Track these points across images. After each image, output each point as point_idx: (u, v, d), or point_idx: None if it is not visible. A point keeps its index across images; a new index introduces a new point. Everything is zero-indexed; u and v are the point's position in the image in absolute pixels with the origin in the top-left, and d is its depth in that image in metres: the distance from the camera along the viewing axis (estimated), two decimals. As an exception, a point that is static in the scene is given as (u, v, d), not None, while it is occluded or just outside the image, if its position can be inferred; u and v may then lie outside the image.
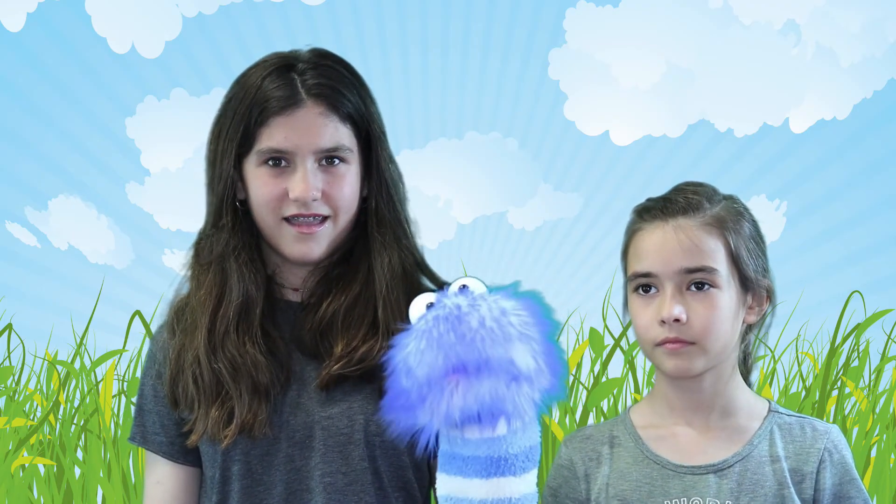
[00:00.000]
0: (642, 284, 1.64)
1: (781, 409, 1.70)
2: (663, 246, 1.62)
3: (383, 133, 1.76)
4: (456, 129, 3.64)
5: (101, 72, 3.64)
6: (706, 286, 1.61)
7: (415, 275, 1.77)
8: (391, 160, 1.77)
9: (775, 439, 1.66)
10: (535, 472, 1.44)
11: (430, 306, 1.41)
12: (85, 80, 3.65)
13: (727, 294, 1.63)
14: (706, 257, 1.62)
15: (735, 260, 1.64)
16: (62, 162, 3.67)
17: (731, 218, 1.65)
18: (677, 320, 1.60)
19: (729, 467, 1.64)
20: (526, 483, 1.43)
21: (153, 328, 2.21)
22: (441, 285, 1.77)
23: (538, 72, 3.62)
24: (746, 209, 1.71)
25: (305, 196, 1.66)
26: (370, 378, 1.68)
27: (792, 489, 1.62)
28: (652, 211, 1.66)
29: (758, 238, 1.69)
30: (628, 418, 1.72)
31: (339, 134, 1.69)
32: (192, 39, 3.62)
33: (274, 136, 1.66)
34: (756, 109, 3.62)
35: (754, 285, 1.66)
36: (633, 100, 3.62)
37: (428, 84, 3.62)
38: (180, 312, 1.76)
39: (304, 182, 1.66)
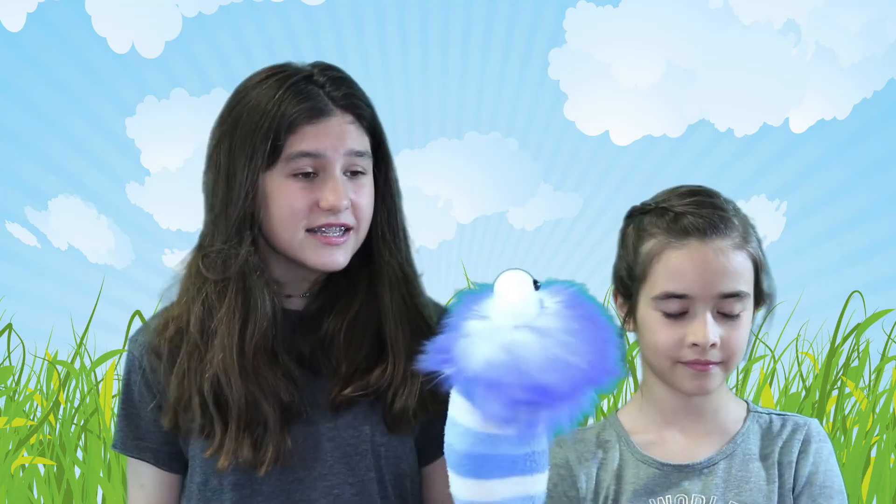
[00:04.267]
0: (673, 303, 1.61)
1: (760, 409, 1.72)
2: (705, 269, 1.58)
3: (387, 143, 1.76)
4: (456, 129, 3.64)
5: (101, 72, 3.65)
6: (737, 309, 1.61)
7: (415, 288, 1.76)
8: (396, 177, 1.77)
9: (758, 437, 1.67)
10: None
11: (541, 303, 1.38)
12: (85, 80, 3.65)
13: (749, 312, 1.63)
14: (741, 281, 1.59)
15: (758, 276, 1.63)
16: (62, 162, 3.67)
17: (750, 230, 1.64)
18: (713, 344, 1.59)
19: (714, 465, 1.65)
20: (539, 480, 1.44)
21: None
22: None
23: (538, 72, 3.62)
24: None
25: (338, 204, 1.65)
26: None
27: (776, 484, 1.63)
28: (685, 229, 1.60)
29: (755, 226, 1.69)
30: (617, 421, 1.73)
31: (364, 142, 1.69)
32: (192, 39, 3.62)
33: (305, 140, 1.65)
34: (756, 109, 3.62)
35: (765, 296, 1.66)
36: (633, 100, 3.63)
37: (428, 84, 3.62)
38: (177, 335, 1.71)
39: (337, 191, 1.65)
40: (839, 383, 3.66)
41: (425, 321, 1.71)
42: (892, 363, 3.67)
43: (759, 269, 1.63)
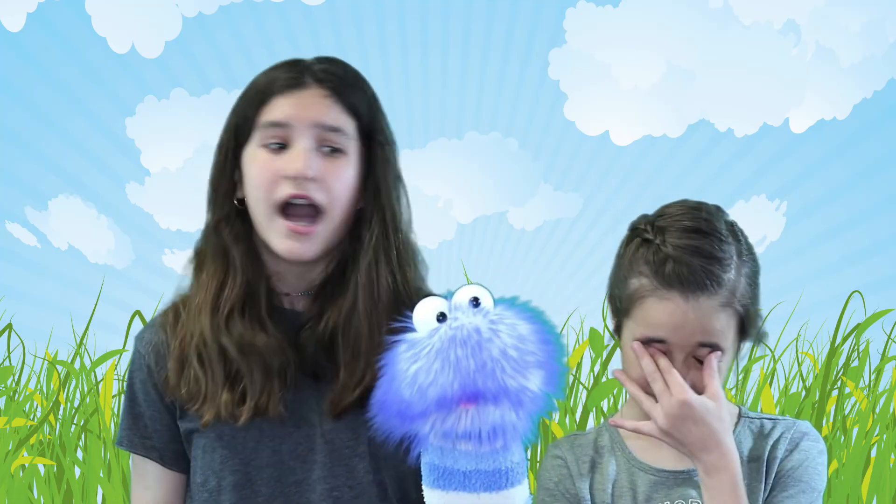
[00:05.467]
0: (651, 346, 1.61)
1: (752, 414, 1.73)
2: (683, 323, 1.58)
3: (389, 143, 1.73)
4: (456, 129, 3.64)
5: (101, 72, 3.64)
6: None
7: (403, 284, 1.73)
8: (394, 163, 1.74)
9: (749, 441, 1.67)
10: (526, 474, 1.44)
11: (440, 317, 1.37)
12: (85, 80, 3.65)
13: (730, 353, 1.63)
14: (720, 335, 1.60)
15: (743, 324, 1.62)
16: (62, 162, 3.67)
17: (743, 279, 1.62)
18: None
19: None
20: (526, 487, 1.43)
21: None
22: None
23: (538, 72, 3.62)
24: (742, 235, 1.67)
25: (303, 171, 1.62)
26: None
27: (762, 483, 1.64)
28: (670, 280, 1.59)
29: (755, 271, 1.66)
30: (613, 426, 1.73)
31: (341, 119, 1.67)
32: (192, 39, 3.62)
33: (274, 111, 1.65)
34: (756, 109, 3.62)
35: (752, 329, 1.66)
36: (633, 100, 3.63)
37: (428, 84, 3.62)
38: (177, 312, 1.73)
39: (302, 157, 1.63)
40: (839, 383, 3.66)
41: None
42: (892, 363, 3.67)
43: (747, 319, 1.62)
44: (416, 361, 1.34)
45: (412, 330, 1.38)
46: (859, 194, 3.62)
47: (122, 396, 1.80)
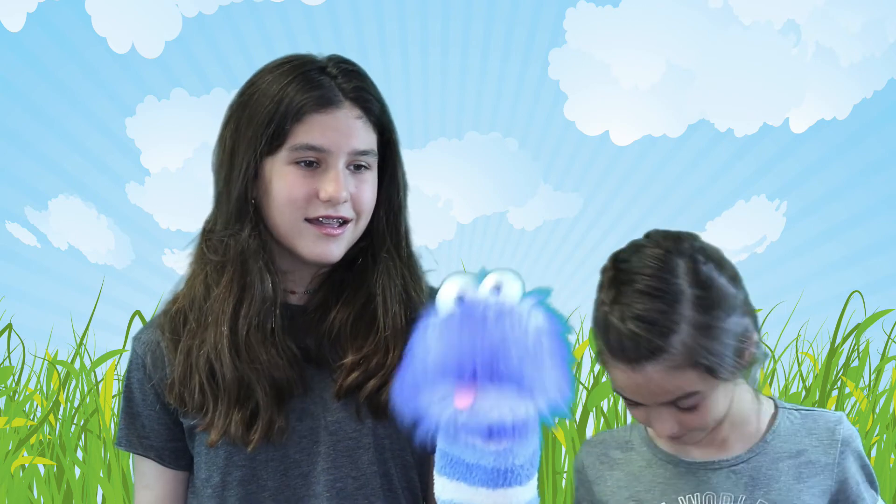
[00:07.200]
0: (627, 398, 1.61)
1: (788, 405, 1.70)
2: (638, 389, 1.56)
3: (398, 145, 1.77)
4: (456, 129, 3.64)
5: (101, 72, 3.65)
6: (691, 403, 1.58)
7: (412, 284, 1.76)
8: (404, 174, 1.77)
9: (788, 435, 1.66)
10: (536, 475, 1.44)
11: (460, 299, 1.39)
12: (85, 80, 3.65)
13: (715, 391, 1.58)
14: (685, 389, 1.55)
15: (717, 371, 1.57)
16: (62, 162, 3.67)
17: (702, 332, 1.54)
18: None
19: (743, 462, 1.64)
20: (530, 489, 1.43)
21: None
22: (431, 293, 1.75)
23: (538, 72, 3.62)
24: (709, 277, 1.56)
25: (337, 197, 1.65)
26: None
27: (808, 482, 1.62)
28: (614, 351, 1.54)
29: (729, 308, 1.56)
30: (642, 425, 1.73)
31: (370, 139, 1.70)
32: (192, 39, 3.62)
33: (311, 132, 1.66)
34: (756, 109, 3.63)
35: (743, 361, 1.61)
36: (633, 100, 3.63)
37: (428, 84, 3.62)
38: (179, 314, 1.74)
39: (337, 183, 1.66)
40: (839, 383, 3.66)
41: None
42: (892, 363, 3.67)
43: (717, 368, 1.54)
44: (427, 342, 1.36)
45: (435, 312, 1.40)
46: (859, 194, 3.62)
47: (121, 396, 1.81)
